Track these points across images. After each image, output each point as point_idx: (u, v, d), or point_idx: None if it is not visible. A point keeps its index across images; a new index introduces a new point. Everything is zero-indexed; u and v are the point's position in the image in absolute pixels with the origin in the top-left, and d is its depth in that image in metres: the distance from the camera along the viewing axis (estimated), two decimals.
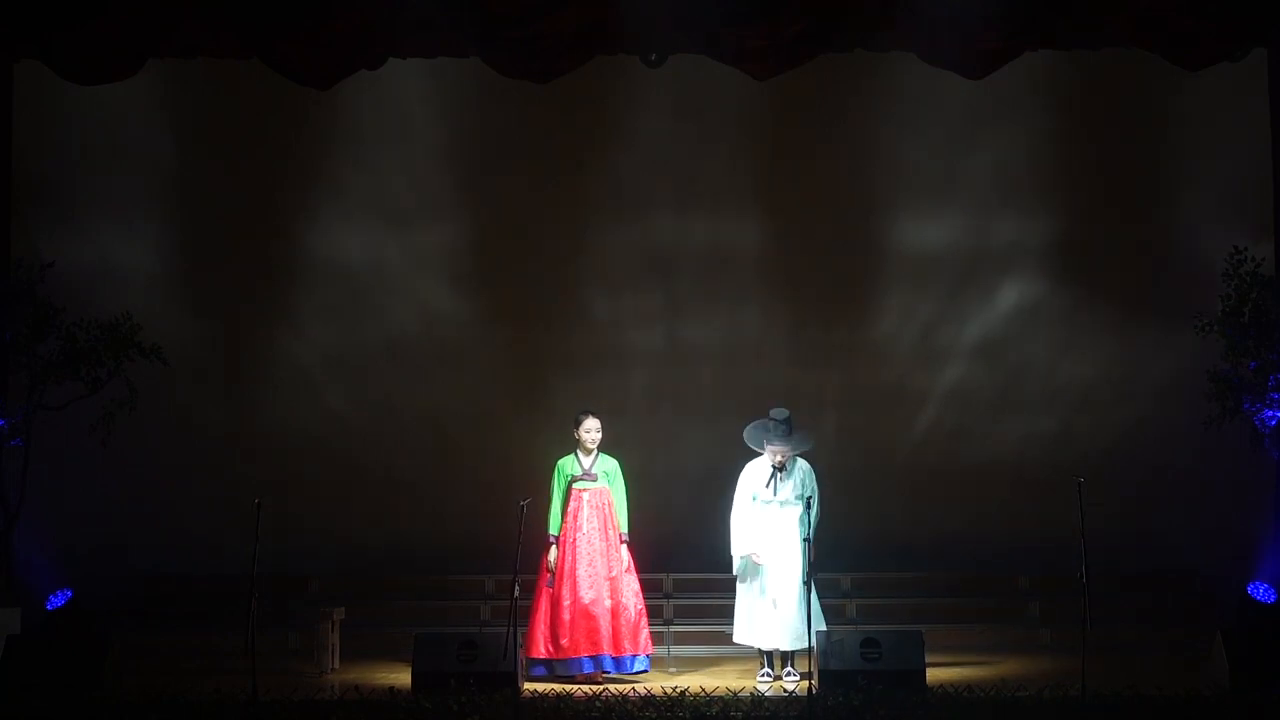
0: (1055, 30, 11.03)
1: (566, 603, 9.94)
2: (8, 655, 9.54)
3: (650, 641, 10.17)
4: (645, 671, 10.09)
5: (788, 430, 9.94)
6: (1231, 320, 11.16)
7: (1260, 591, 11.33)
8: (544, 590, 10.08)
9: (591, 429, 10.17)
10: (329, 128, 12.85)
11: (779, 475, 9.97)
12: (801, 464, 10.08)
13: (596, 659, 9.92)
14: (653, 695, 8.93)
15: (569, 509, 10.12)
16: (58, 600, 11.68)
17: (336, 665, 10.67)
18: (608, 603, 9.95)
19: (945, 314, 13.01)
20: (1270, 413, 11.01)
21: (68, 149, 12.87)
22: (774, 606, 9.84)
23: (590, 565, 9.99)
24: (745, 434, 10.10)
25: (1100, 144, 12.82)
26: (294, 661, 10.97)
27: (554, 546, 10.09)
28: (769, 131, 12.87)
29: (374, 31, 10.78)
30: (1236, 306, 11.16)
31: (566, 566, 10.01)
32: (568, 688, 9.45)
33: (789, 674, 9.95)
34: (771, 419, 9.95)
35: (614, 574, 10.03)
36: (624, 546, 10.13)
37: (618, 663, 9.97)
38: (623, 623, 9.97)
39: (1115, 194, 12.86)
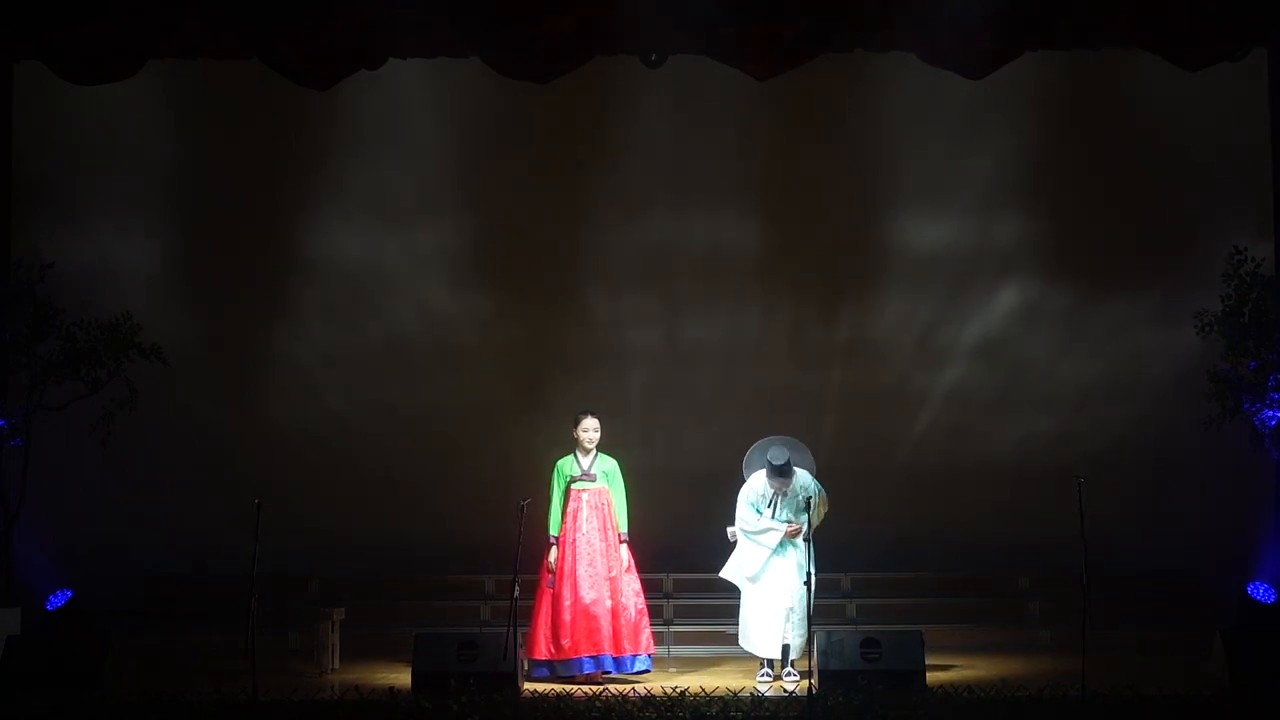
0: (1055, 30, 11.03)
1: (567, 603, 9.93)
2: (8, 655, 9.55)
3: (652, 641, 10.17)
4: (647, 671, 10.09)
5: (786, 471, 9.92)
6: (1231, 320, 11.16)
7: (1260, 591, 11.33)
8: (545, 591, 10.07)
9: (590, 428, 10.16)
10: (329, 128, 12.85)
11: (779, 499, 10.00)
12: (801, 477, 10.06)
13: (597, 659, 9.91)
14: (653, 695, 8.92)
15: (568, 509, 10.11)
16: (58, 600, 11.68)
17: (336, 665, 10.67)
18: (608, 603, 9.95)
19: (945, 314, 13.01)
20: (1270, 413, 11.01)
21: (68, 149, 12.87)
22: (784, 619, 9.87)
23: (590, 565, 9.99)
24: (746, 460, 10.15)
25: (1100, 144, 12.82)
26: (294, 661, 10.97)
27: (554, 547, 10.08)
28: (769, 131, 12.87)
29: (374, 31, 10.78)
30: (1236, 306, 11.16)
31: (567, 567, 10.00)
32: (568, 688, 9.45)
33: (789, 674, 9.96)
34: (770, 462, 9.89)
35: (614, 574, 10.03)
36: (624, 546, 10.13)
37: (618, 663, 9.96)
38: (623, 622, 9.97)
39: (1115, 194, 12.85)
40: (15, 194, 12.33)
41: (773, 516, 10.00)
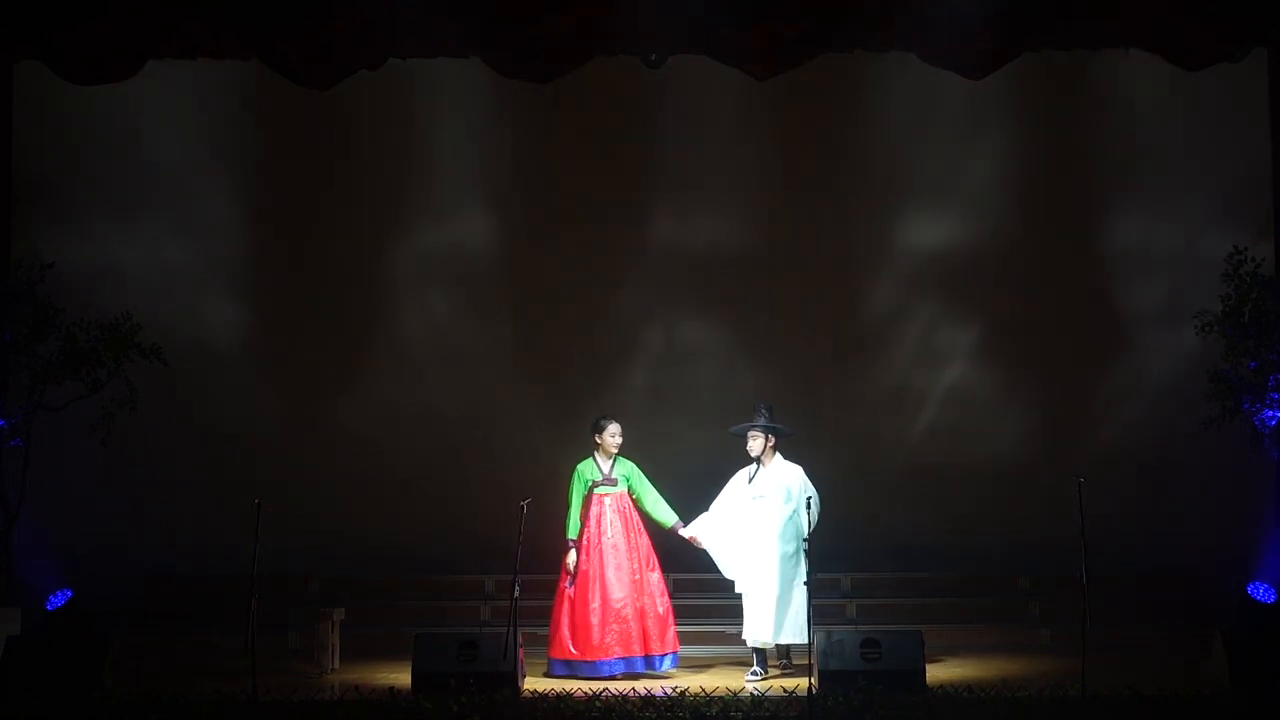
0: (1055, 30, 11.03)
1: (594, 605, 10.01)
2: (8, 655, 9.53)
3: (677, 639, 10.28)
4: (674, 669, 10.18)
5: (758, 418, 10.24)
6: (1231, 320, 11.16)
7: (1260, 591, 11.34)
8: (564, 592, 10.16)
9: (616, 433, 10.29)
10: (329, 128, 12.86)
11: (759, 469, 10.23)
12: (789, 469, 10.26)
13: (628, 660, 10.01)
14: (653, 695, 8.93)
15: (591, 513, 10.22)
16: (58, 600, 11.68)
17: (336, 665, 10.67)
18: (637, 604, 10.05)
19: (945, 314, 13.01)
20: (1270, 413, 11.01)
21: (68, 149, 12.86)
22: (745, 595, 10.11)
23: (618, 569, 10.10)
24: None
25: (1100, 143, 12.82)
26: (294, 661, 10.97)
27: (573, 550, 10.16)
28: (769, 132, 12.87)
29: (374, 31, 10.77)
30: (1236, 306, 11.16)
31: (594, 570, 10.09)
32: (568, 688, 9.45)
33: (786, 670, 10.08)
34: (755, 410, 10.32)
35: (639, 576, 10.15)
36: (684, 530, 10.28)
37: (648, 662, 10.07)
38: (651, 622, 10.08)
39: (1115, 194, 12.85)
40: (15, 194, 12.34)
41: (749, 481, 10.23)
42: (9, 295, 11.37)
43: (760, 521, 10.13)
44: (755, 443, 10.23)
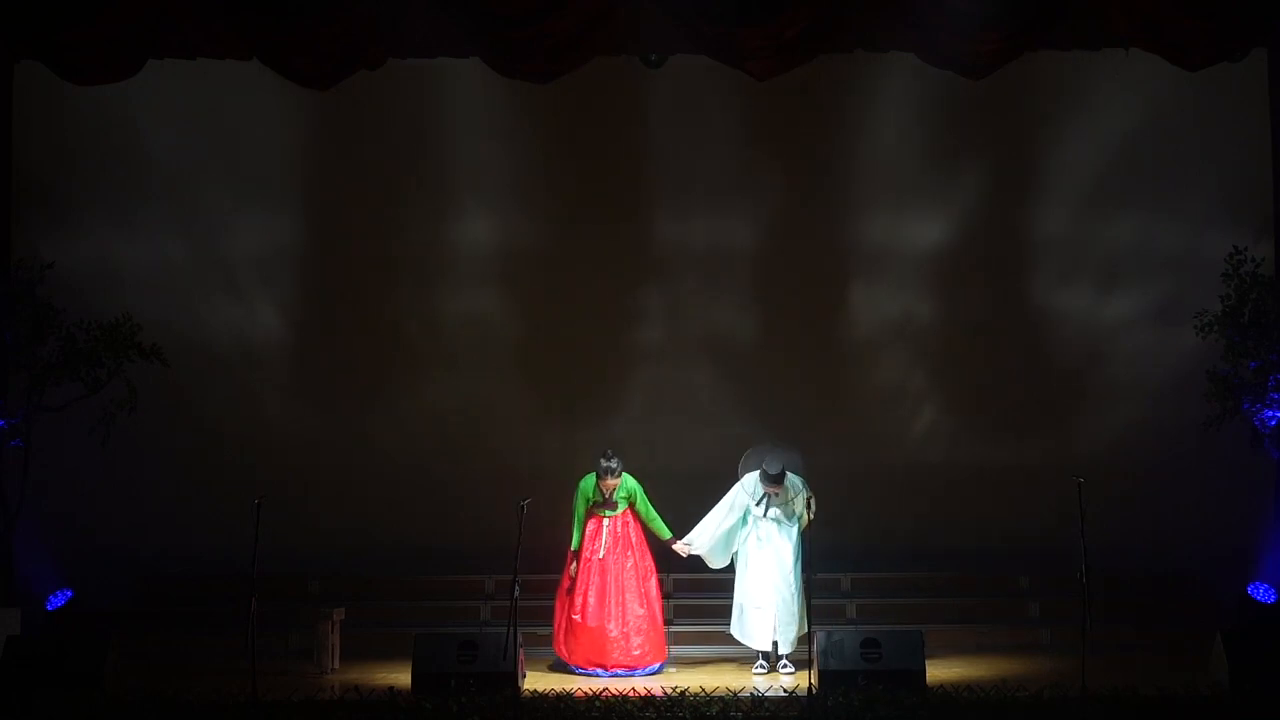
0: (1055, 30, 11.02)
1: (576, 618, 10.32)
2: (8, 655, 9.54)
3: (664, 649, 10.49)
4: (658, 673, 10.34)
5: (779, 479, 10.25)
6: (1231, 320, 11.17)
7: (1260, 591, 11.35)
8: (562, 596, 10.44)
9: (610, 488, 10.40)
10: (329, 128, 12.85)
11: (771, 499, 10.32)
12: (794, 488, 10.35)
13: (610, 671, 10.21)
14: (653, 695, 8.94)
15: (588, 530, 10.46)
16: (58, 600, 11.69)
17: (336, 665, 10.68)
18: (618, 621, 10.26)
19: (945, 313, 13.01)
20: (1270, 413, 11.02)
21: (68, 149, 12.85)
22: (769, 613, 10.23)
23: (601, 590, 10.33)
24: (742, 464, 10.52)
25: (1100, 143, 12.81)
26: (294, 661, 10.96)
27: (574, 561, 10.44)
28: (769, 131, 12.87)
29: (374, 31, 10.77)
30: (1236, 306, 11.17)
31: (581, 585, 10.37)
32: (568, 688, 9.46)
33: (784, 667, 10.17)
34: (764, 471, 10.27)
35: (624, 596, 10.33)
36: (680, 543, 10.53)
37: (629, 675, 10.21)
38: (636, 634, 10.28)
39: (1115, 193, 12.85)
40: (15, 194, 12.32)
41: (764, 514, 10.27)
42: (9, 295, 11.38)
43: (774, 541, 10.31)
44: (778, 494, 10.29)
